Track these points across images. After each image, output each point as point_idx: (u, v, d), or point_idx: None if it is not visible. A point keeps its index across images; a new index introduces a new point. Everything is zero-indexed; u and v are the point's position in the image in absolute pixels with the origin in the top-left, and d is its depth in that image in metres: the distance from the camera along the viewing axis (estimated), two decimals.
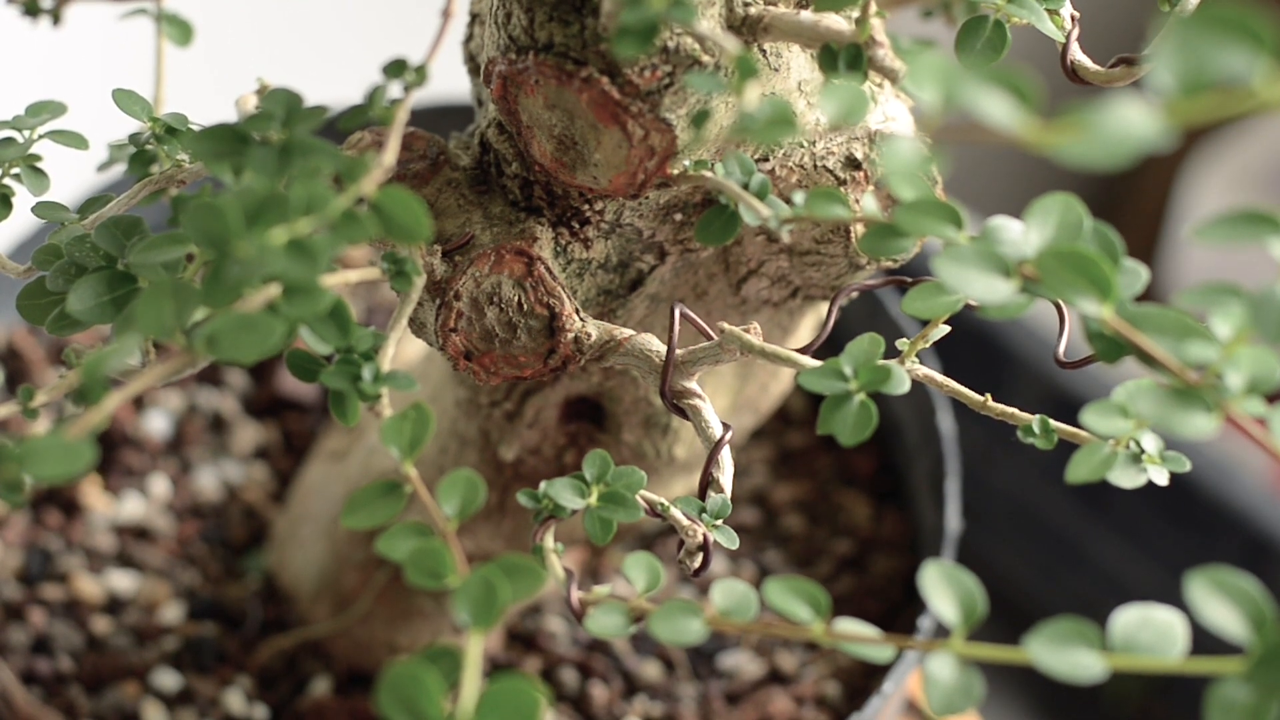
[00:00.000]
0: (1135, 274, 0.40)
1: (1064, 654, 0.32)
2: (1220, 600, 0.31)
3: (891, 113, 0.53)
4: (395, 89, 0.45)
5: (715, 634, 0.55)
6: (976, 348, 0.97)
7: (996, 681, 0.85)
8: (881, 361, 0.43)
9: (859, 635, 0.37)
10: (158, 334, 0.38)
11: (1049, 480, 0.99)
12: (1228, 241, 0.32)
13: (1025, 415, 0.46)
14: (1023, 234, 0.36)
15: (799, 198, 0.43)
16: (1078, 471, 0.40)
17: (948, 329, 0.46)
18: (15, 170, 0.50)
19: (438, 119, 0.72)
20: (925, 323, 0.47)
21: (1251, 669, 0.31)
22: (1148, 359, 0.34)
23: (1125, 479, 0.43)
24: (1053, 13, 0.48)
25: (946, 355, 0.73)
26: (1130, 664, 0.32)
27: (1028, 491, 1.01)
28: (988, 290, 0.34)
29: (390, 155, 0.40)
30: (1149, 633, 0.32)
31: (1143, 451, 0.43)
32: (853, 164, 0.52)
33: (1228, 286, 0.33)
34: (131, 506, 0.78)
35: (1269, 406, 0.33)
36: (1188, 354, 0.33)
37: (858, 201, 0.52)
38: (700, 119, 0.45)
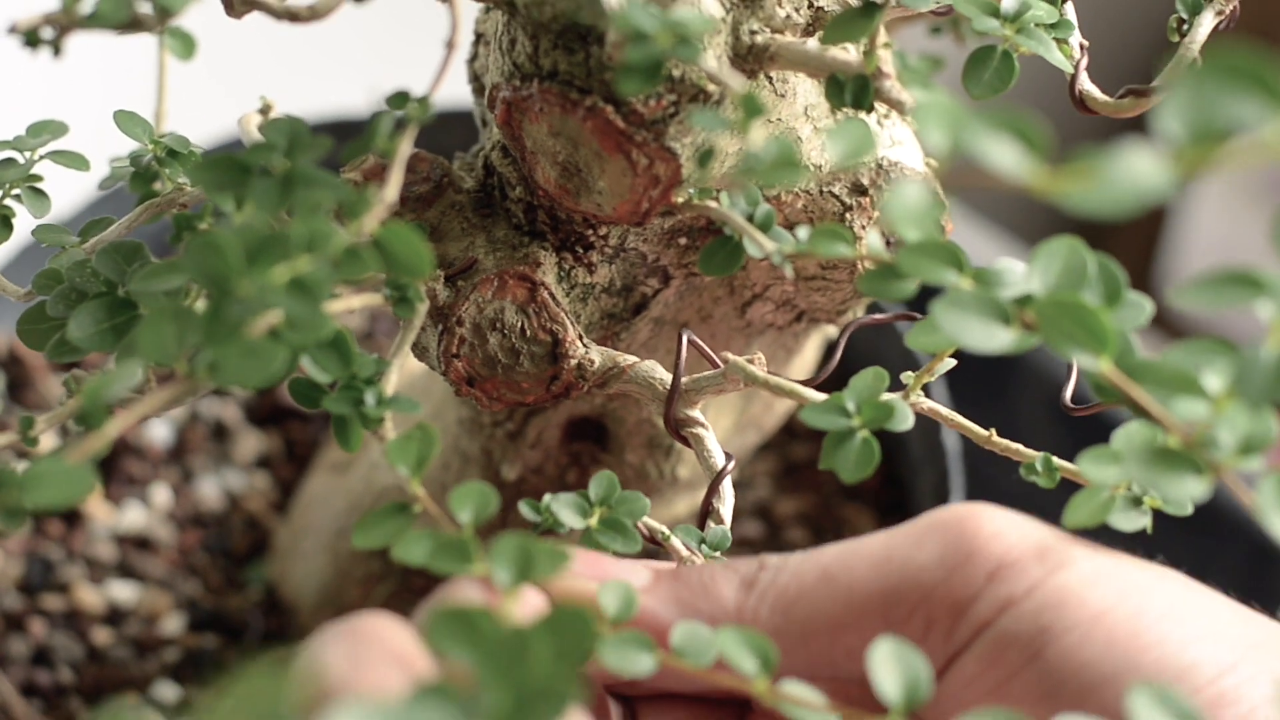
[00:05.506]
0: (1139, 308, 0.40)
1: None
2: (1160, 713, 0.30)
3: (899, 137, 0.53)
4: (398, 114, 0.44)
5: None
6: (985, 360, 0.97)
7: None
8: (885, 397, 0.43)
9: (802, 700, 0.36)
10: (160, 360, 0.38)
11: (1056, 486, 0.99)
12: (1212, 306, 0.32)
13: (1030, 452, 0.46)
14: (1024, 278, 0.36)
15: (803, 232, 0.43)
16: (1076, 517, 0.40)
17: (954, 362, 0.46)
18: (16, 191, 0.50)
19: (441, 125, 0.72)
20: None
21: None
22: (1143, 413, 0.33)
23: (1125, 522, 0.42)
24: (1061, 42, 0.48)
25: (954, 367, 0.72)
26: None
27: (1035, 495, 1.00)
28: (986, 338, 0.34)
29: (392, 190, 0.40)
30: None
31: (1145, 493, 0.43)
32: (859, 190, 0.52)
33: (1216, 343, 0.33)
34: (133, 515, 0.78)
35: (1262, 465, 0.33)
36: (1177, 410, 0.33)
37: (864, 228, 0.51)
38: (705, 158, 0.44)
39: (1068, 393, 0.45)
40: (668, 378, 0.48)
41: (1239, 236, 1.37)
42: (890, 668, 0.34)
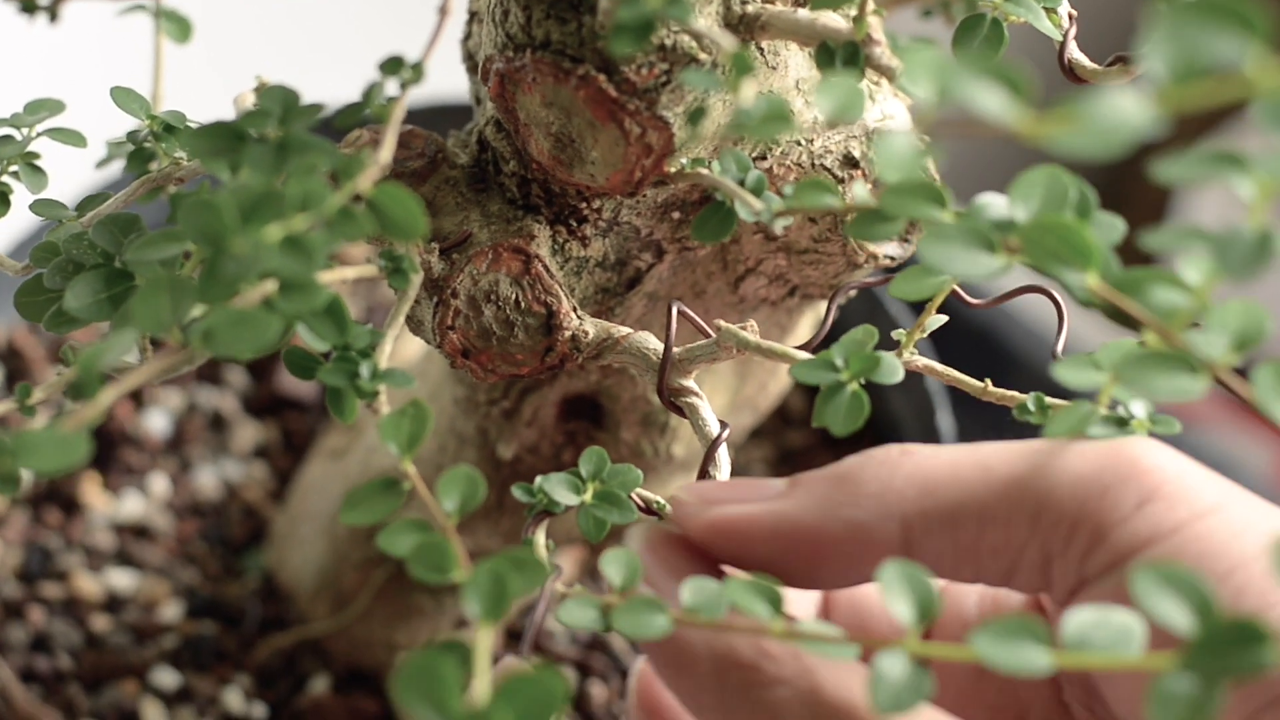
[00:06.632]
0: (1112, 226, 0.39)
1: (1011, 649, 0.32)
2: (1165, 593, 0.30)
3: (889, 111, 0.53)
4: (392, 86, 0.45)
5: None
6: (975, 347, 0.97)
7: None
8: (873, 351, 0.43)
9: (820, 634, 0.36)
10: (154, 329, 0.38)
11: None
12: (1191, 180, 0.32)
13: (1021, 396, 0.46)
14: (1008, 208, 0.36)
15: (790, 190, 0.43)
16: (1056, 429, 0.40)
17: (944, 318, 0.46)
18: (14, 168, 0.50)
19: (437, 118, 0.72)
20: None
21: (1191, 657, 0.30)
22: (1134, 323, 0.33)
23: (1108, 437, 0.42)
24: (1050, 11, 0.48)
25: (945, 354, 0.73)
26: (1081, 662, 0.32)
27: None
28: (972, 266, 0.34)
29: (386, 152, 0.40)
30: (1104, 633, 0.32)
31: (1131, 417, 0.42)
32: (851, 162, 0.52)
33: (1195, 228, 0.33)
34: (131, 505, 0.78)
35: (1254, 365, 0.33)
36: (1154, 300, 0.33)
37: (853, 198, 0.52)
38: (696, 116, 0.45)
39: (1059, 346, 0.45)
40: (661, 348, 0.49)
41: None
42: (900, 589, 0.34)
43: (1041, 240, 0.33)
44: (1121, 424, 0.42)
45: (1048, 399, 0.45)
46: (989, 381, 0.47)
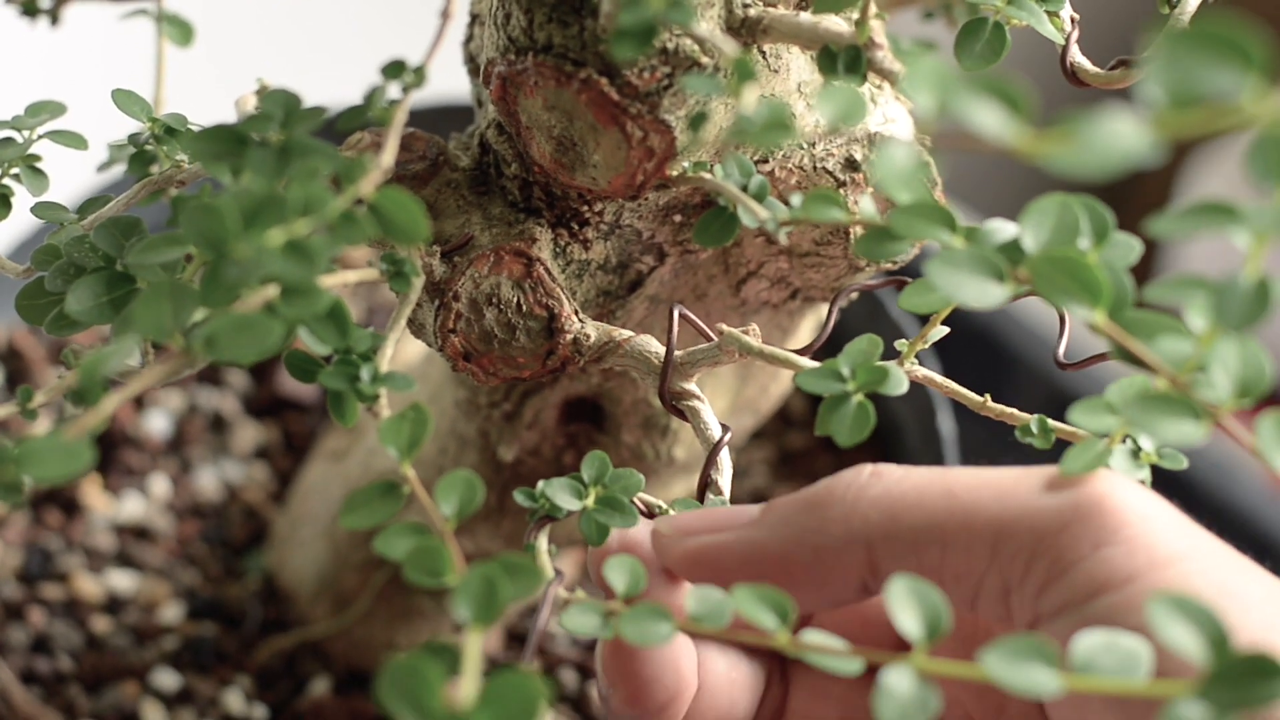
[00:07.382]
0: (1128, 246, 0.40)
1: (1021, 670, 0.32)
2: (1179, 621, 0.31)
3: (891, 114, 0.53)
4: (394, 90, 0.45)
5: None
6: (977, 350, 0.97)
7: None
8: (879, 362, 0.43)
9: (825, 647, 0.36)
10: (156, 335, 0.38)
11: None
12: (1188, 233, 0.32)
13: (1024, 415, 0.46)
14: (1017, 236, 0.36)
15: (797, 200, 0.43)
16: (1073, 465, 0.40)
17: (946, 330, 0.46)
18: (15, 170, 0.50)
19: (438, 120, 0.72)
20: (925, 323, 0.47)
21: (1206, 686, 0.30)
22: (1141, 363, 0.34)
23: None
24: (1052, 15, 0.48)
25: (947, 357, 0.73)
26: (1089, 685, 0.32)
27: None
28: (980, 294, 0.34)
29: (388, 156, 0.40)
30: (1112, 657, 0.32)
31: (1139, 449, 0.43)
32: (852, 166, 0.52)
33: (1194, 278, 0.33)
34: (132, 506, 0.78)
35: (1260, 410, 0.33)
36: (1162, 349, 0.33)
37: (856, 203, 0.52)
38: (698, 121, 0.45)
39: (1060, 349, 0.45)
40: (663, 351, 0.49)
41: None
42: (909, 604, 0.34)
43: (1051, 274, 0.34)
44: (1133, 456, 0.42)
45: (1050, 422, 0.45)
46: (989, 396, 0.47)
